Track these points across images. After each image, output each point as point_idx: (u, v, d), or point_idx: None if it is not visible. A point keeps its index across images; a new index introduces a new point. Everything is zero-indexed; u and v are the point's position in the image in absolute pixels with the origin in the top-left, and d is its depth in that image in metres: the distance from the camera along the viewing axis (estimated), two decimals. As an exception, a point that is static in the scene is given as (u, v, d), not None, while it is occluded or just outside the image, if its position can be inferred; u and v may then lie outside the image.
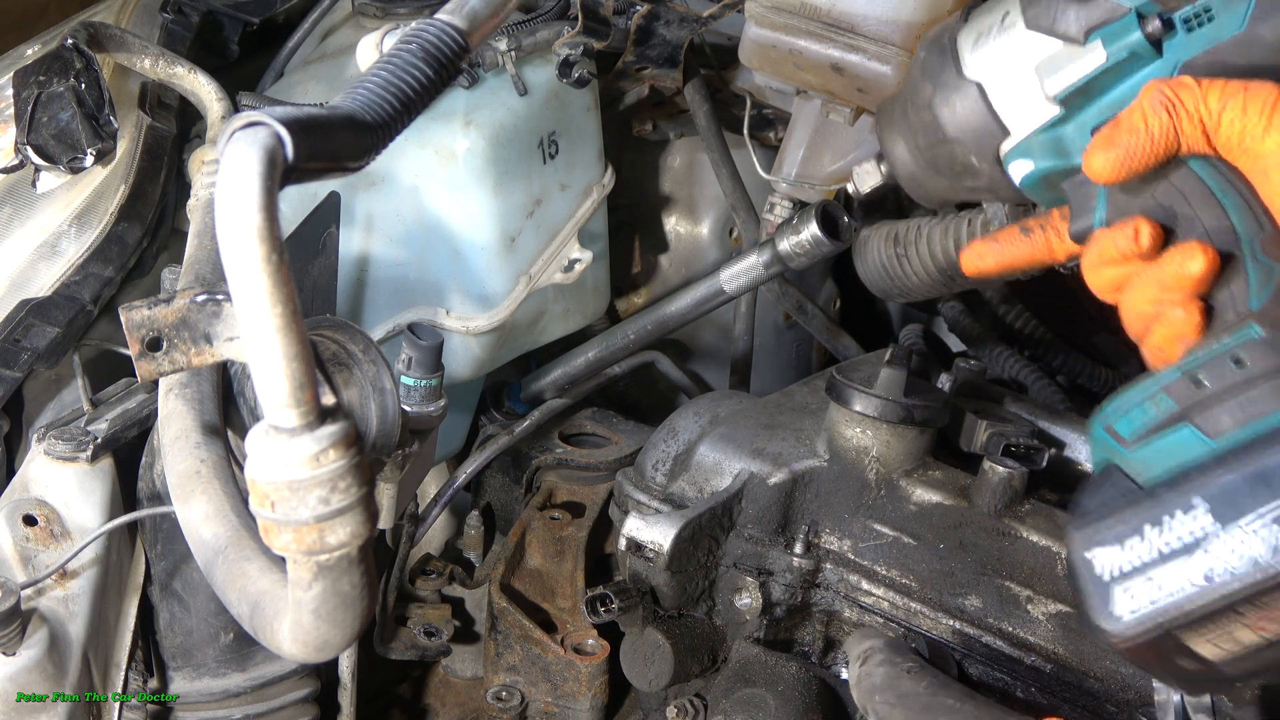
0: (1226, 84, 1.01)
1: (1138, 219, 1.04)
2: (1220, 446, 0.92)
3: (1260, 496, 0.88)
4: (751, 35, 1.68)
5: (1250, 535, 0.88)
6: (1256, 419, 0.91)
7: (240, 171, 0.78)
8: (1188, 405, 0.95)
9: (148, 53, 1.57)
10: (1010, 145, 1.17)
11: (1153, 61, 1.08)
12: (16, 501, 1.38)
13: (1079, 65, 1.11)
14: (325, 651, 0.91)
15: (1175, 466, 0.94)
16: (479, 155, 1.63)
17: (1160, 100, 1.02)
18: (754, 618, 1.41)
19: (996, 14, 1.18)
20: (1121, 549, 0.93)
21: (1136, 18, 1.08)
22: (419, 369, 1.27)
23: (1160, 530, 0.92)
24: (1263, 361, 0.93)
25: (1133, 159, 1.04)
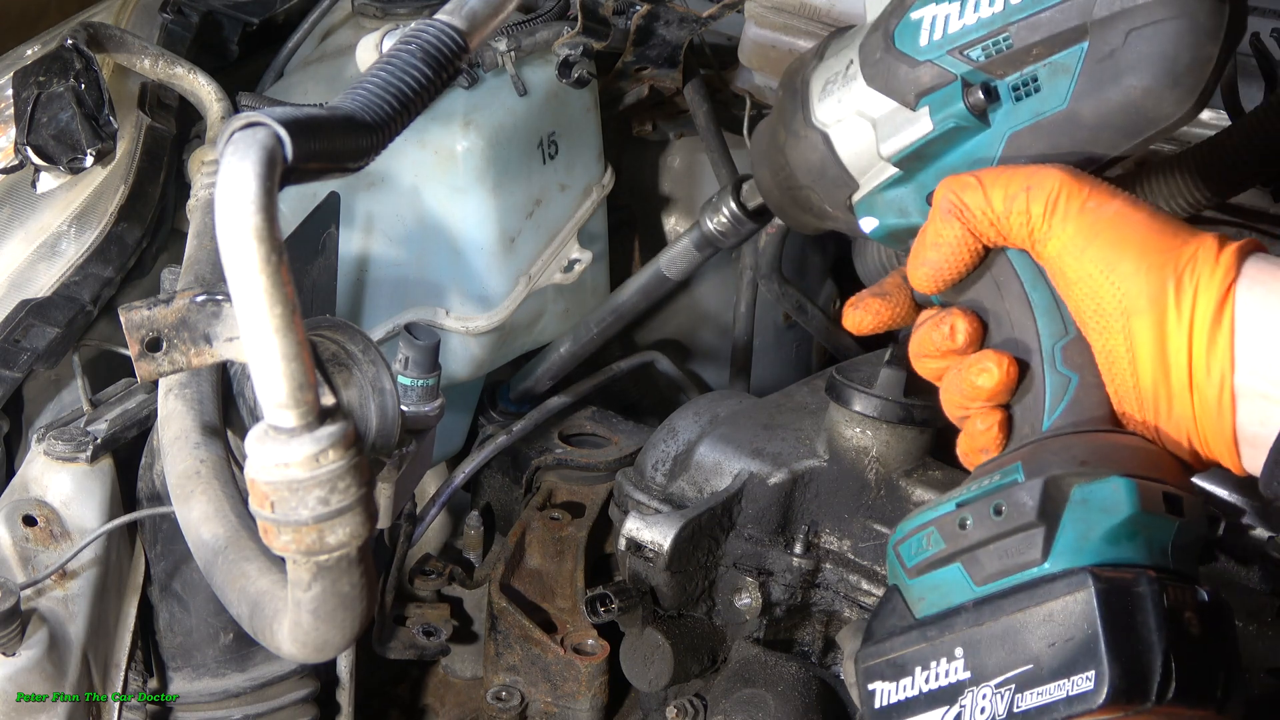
0: (1010, 180, 0.98)
1: (954, 314, 1.03)
2: (981, 593, 0.92)
3: (1005, 658, 0.89)
4: (751, 35, 1.69)
5: (994, 693, 0.89)
6: (1011, 572, 0.91)
7: (239, 172, 0.77)
8: (955, 547, 0.94)
9: (147, 53, 1.57)
10: (858, 198, 1.13)
11: (980, 131, 1.04)
12: (16, 502, 1.38)
13: (910, 131, 1.07)
14: (325, 652, 0.91)
15: (944, 605, 0.94)
16: (478, 155, 1.63)
17: (948, 209, 1.00)
18: (754, 618, 1.41)
19: (843, 60, 1.13)
20: (896, 686, 0.94)
21: (962, 87, 1.03)
22: (416, 369, 1.27)
23: (926, 674, 0.93)
24: (1017, 514, 0.92)
25: (943, 272, 1.02)
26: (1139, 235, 0.94)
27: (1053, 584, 0.89)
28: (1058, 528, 0.90)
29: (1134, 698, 0.85)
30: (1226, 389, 0.90)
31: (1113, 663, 0.85)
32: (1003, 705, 0.88)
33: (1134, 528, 0.90)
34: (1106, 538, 0.89)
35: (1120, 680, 0.85)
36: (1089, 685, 0.85)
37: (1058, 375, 0.98)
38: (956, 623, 0.92)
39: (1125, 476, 0.90)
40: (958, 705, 0.90)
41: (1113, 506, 0.90)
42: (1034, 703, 0.87)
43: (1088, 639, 0.86)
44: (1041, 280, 1.00)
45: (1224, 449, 0.92)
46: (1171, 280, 0.91)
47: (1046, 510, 0.91)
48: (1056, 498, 0.91)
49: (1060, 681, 0.86)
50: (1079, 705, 0.86)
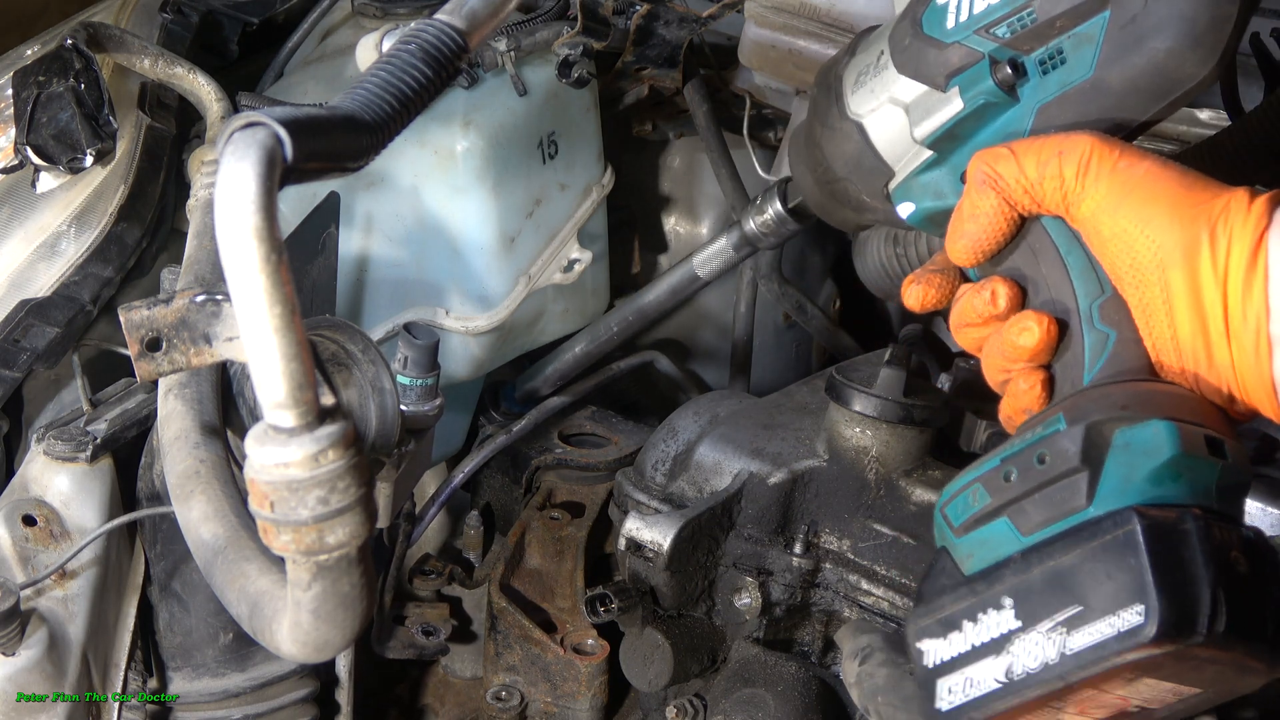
0: (1042, 147, 1.00)
1: (995, 280, 1.04)
2: (1029, 542, 0.93)
3: (1053, 602, 0.89)
4: (751, 35, 1.69)
5: (1044, 638, 0.89)
6: (1057, 519, 0.92)
7: (239, 171, 0.77)
8: (1000, 500, 0.95)
9: (147, 53, 1.57)
10: (894, 185, 1.15)
11: (1010, 107, 1.06)
12: (16, 502, 1.38)
13: (942, 112, 1.09)
14: (325, 652, 0.91)
15: (992, 559, 0.94)
16: (478, 155, 1.63)
17: (983, 179, 1.02)
18: (753, 618, 1.41)
19: (874, 52, 1.16)
20: (946, 642, 0.95)
21: (989, 64, 1.06)
22: (415, 368, 1.28)
23: (976, 625, 0.93)
24: (1061, 461, 0.93)
25: (981, 243, 1.04)
26: (1171, 190, 0.95)
27: (1098, 525, 0.89)
28: (1101, 471, 0.91)
29: (1184, 630, 0.85)
30: (1263, 335, 0.91)
31: (1161, 595, 0.85)
32: (1054, 649, 0.88)
33: (1177, 469, 0.90)
34: (1150, 479, 0.90)
35: (1169, 612, 0.85)
36: (1139, 619, 0.85)
37: (1096, 332, 0.99)
38: (1004, 574, 0.92)
39: (1166, 420, 0.91)
40: (1008, 654, 0.91)
41: (1155, 449, 0.90)
42: (1085, 642, 0.87)
43: (1135, 574, 0.86)
44: (1076, 244, 1.01)
45: (1264, 396, 0.93)
46: (1205, 231, 0.93)
47: (1089, 455, 0.92)
48: (1099, 443, 0.92)
49: (1109, 619, 0.87)
50: (1130, 640, 0.86)
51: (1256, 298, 0.91)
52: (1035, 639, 0.89)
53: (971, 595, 0.94)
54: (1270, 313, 0.91)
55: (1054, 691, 0.90)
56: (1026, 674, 0.90)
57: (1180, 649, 0.86)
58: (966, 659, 0.93)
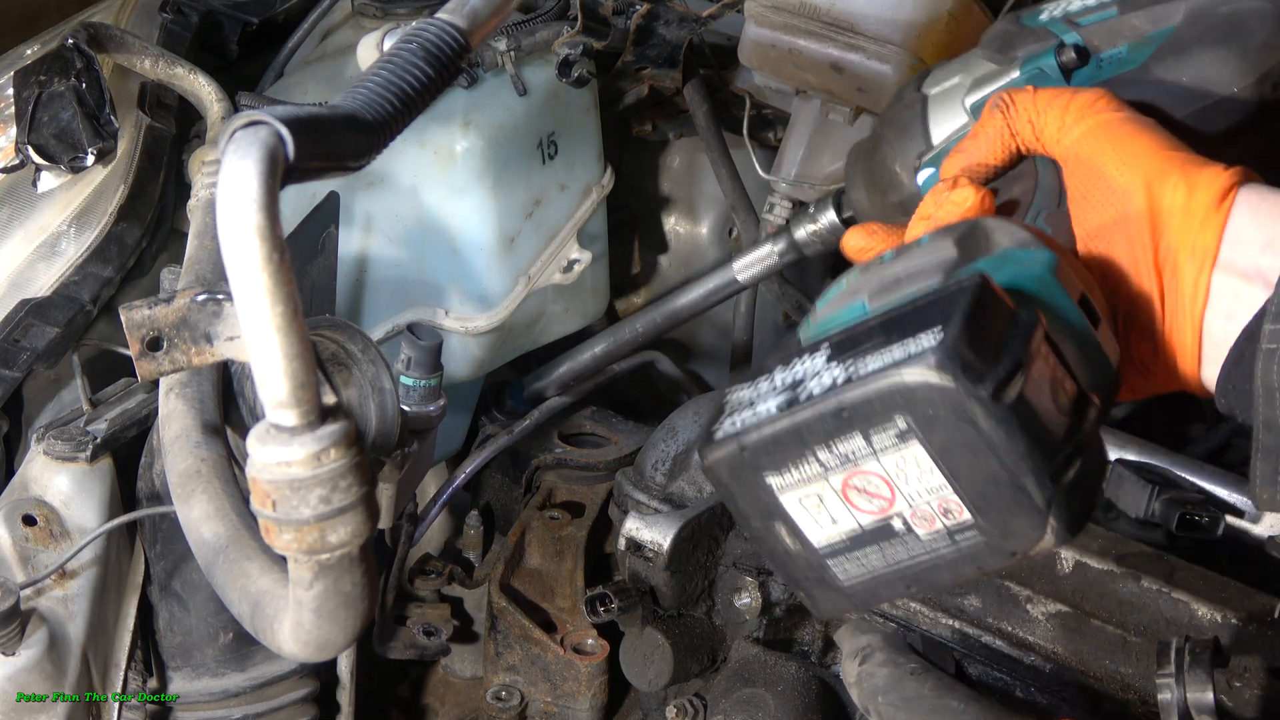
0: (1059, 89, 1.02)
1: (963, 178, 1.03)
2: (873, 311, 0.87)
3: (865, 342, 0.82)
4: (751, 35, 1.68)
5: (839, 368, 0.82)
6: (908, 290, 0.86)
7: (241, 170, 0.78)
8: (869, 277, 0.90)
9: (148, 53, 1.57)
10: (927, 156, 1.18)
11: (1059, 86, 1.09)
12: (16, 501, 1.38)
13: (997, 82, 1.14)
14: (326, 651, 0.91)
15: (834, 328, 0.88)
16: (478, 156, 1.63)
17: (996, 103, 1.03)
18: (753, 617, 1.41)
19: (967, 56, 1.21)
20: (751, 387, 0.87)
21: (1058, 46, 1.10)
22: (418, 369, 1.27)
23: (785, 372, 0.85)
24: (937, 244, 0.89)
25: (971, 159, 1.04)
26: (1159, 139, 0.97)
27: (941, 288, 0.84)
28: (970, 264, 0.87)
29: (970, 371, 0.78)
30: (1204, 276, 0.91)
31: (962, 327, 0.78)
32: (841, 373, 0.81)
33: (1041, 289, 0.86)
34: (1010, 284, 0.85)
35: (962, 344, 0.78)
36: (930, 341, 0.79)
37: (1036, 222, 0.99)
38: (833, 333, 0.85)
39: (1053, 252, 0.89)
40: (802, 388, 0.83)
41: (1029, 264, 0.87)
42: (871, 366, 0.80)
43: (948, 308, 0.80)
44: (1053, 174, 1.01)
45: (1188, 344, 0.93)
46: (1176, 172, 0.94)
47: (965, 246, 0.88)
48: (980, 242, 0.89)
49: (904, 342, 0.80)
50: (914, 360, 0.78)
51: (1208, 238, 0.91)
52: (831, 369, 0.82)
53: (791, 352, 0.87)
54: (1217, 260, 0.91)
55: (825, 415, 0.81)
56: (807, 397, 0.82)
57: (959, 392, 0.78)
58: (760, 397, 0.85)
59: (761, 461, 0.84)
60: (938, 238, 0.90)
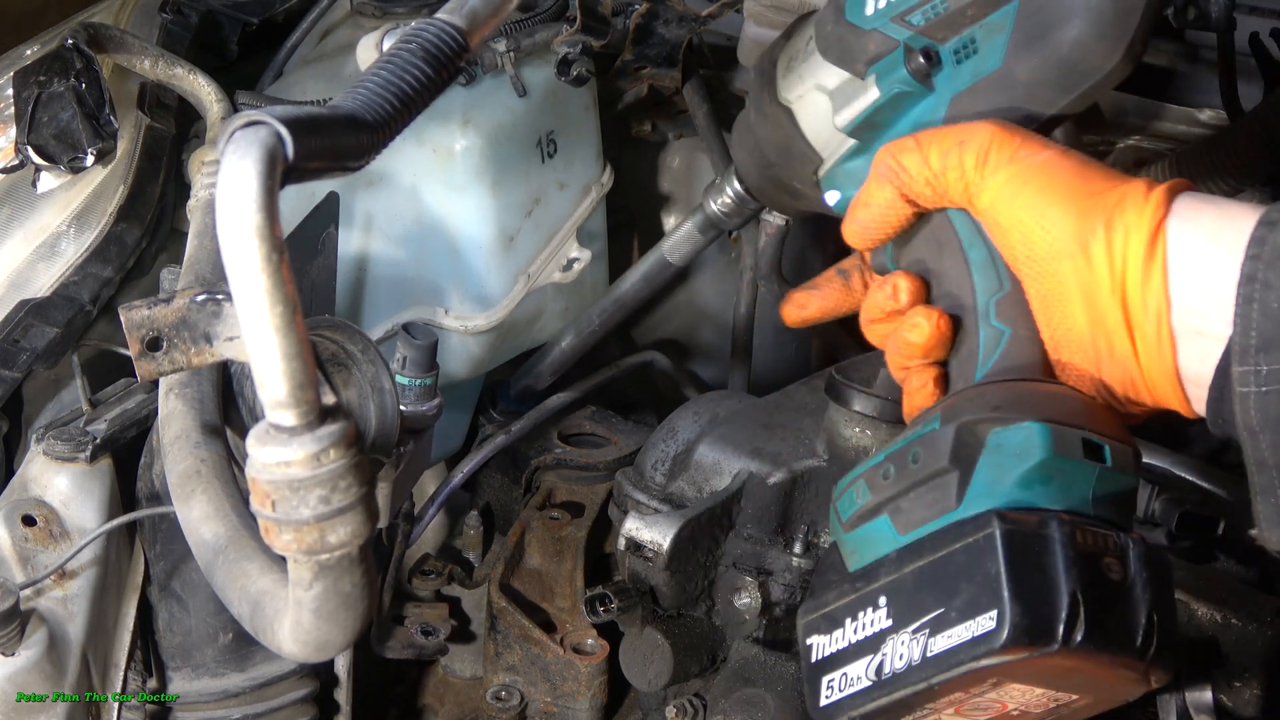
0: (944, 137, 0.99)
1: (898, 275, 1.03)
2: (904, 541, 0.92)
3: (921, 603, 0.89)
4: (750, 34, 1.68)
5: (910, 639, 0.88)
6: (930, 520, 0.91)
7: (240, 170, 0.78)
8: (880, 498, 0.94)
9: (148, 54, 1.56)
10: (823, 173, 1.16)
11: (925, 96, 1.06)
12: (15, 502, 1.38)
13: (860, 100, 1.10)
14: (326, 651, 0.91)
15: (872, 556, 0.94)
16: (477, 154, 1.63)
17: (885, 171, 1.01)
18: (753, 618, 1.41)
19: (803, 38, 1.16)
20: (829, 638, 0.94)
21: (904, 53, 1.06)
22: (414, 368, 1.27)
23: (855, 623, 0.93)
24: (932, 460, 0.92)
25: (870, 231, 1.04)
26: (1069, 180, 0.94)
27: (963, 527, 0.88)
28: (972, 473, 0.90)
29: (1038, 638, 0.84)
30: (1164, 325, 0.90)
31: (1014, 601, 0.83)
32: (918, 650, 0.88)
33: (1048, 472, 0.88)
34: (1019, 483, 0.88)
35: (1021, 619, 0.83)
36: (991, 625, 0.84)
37: (990, 329, 0.98)
38: (881, 572, 0.92)
39: (1040, 421, 0.89)
40: (880, 653, 0.90)
41: (1025, 451, 0.89)
42: (944, 645, 0.86)
43: (991, 579, 0.85)
44: (979, 237, 1.00)
45: (1169, 390, 0.92)
46: (1102, 221, 0.91)
47: (960, 455, 0.90)
48: (970, 443, 0.91)
49: (966, 623, 0.85)
50: (983, 646, 0.84)
51: (1155, 287, 0.89)
52: (904, 639, 0.89)
53: (852, 592, 0.93)
54: (1171, 304, 0.89)
55: (919, 692, 0.89)
56: (894, 674, 0.89)
57: (1035, 657, 0.85)
58: (845, 656, 0.93)
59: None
60: (928, 454, 0.92)
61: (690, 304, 2.10)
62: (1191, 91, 1.65)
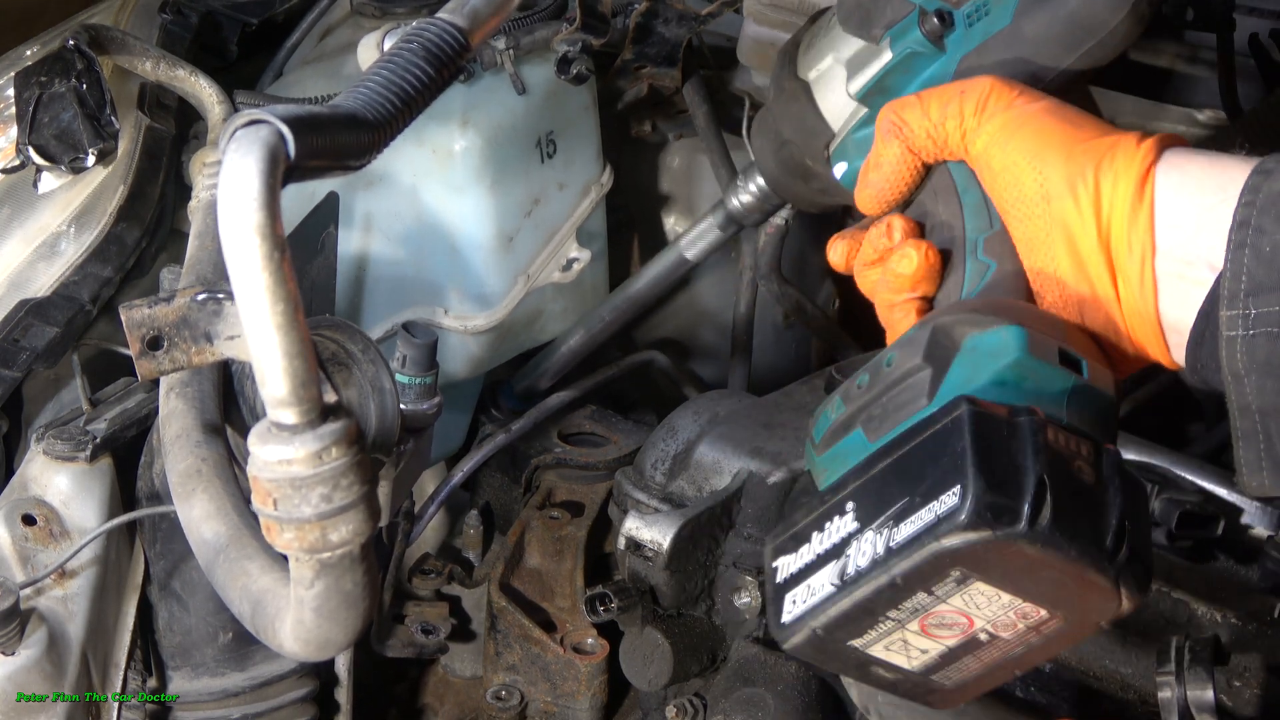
0: (945, 91, 1.00)
1: (894, 216, 1.04)
2: (875, 447, 0.90)
3: (887, 498, 0.85)
4: (750, 33, 1.69)
5: (875, 534, 0.85)
6: (900, 421, 0.89)
7: (242, 169, 0.78)
8: (855, 407, 0.93)
9: (149, 55, 1.56)
10: (834, 146, 1.17)
11: (936, 58, 1.08)
12: (15, 501, 1.38)
13: (874, 64, 1.12)
14: (327, 650, 0.91)
15: (845, 470, 0.91)
16: (476, 154, 1.63)
17: (888, 127, 1.02)
18: (753, 617, 1.41)
19: (827, 17, 1.19)
20: (795, 556, 0.91)
21: (918, 14, 1.08)
22: (413, 367, 1.27)
23: (821, 534, 0.89)
24: (906, 360, 0.91)
25: (885, 192, 1.04)
26: (1063, 128, 0.95)
27: (933, 418, 0.86)
28: (946, 372, 0.89)
29: (1002, 516, 0.80)
30: (1148, 268, 0.90)
31: (978, 476, 0.81)
32: (881, 543, 0.84)
33: (1021, 372, 0.87)
34: (993, 380, 0.87)
35: (985, 494, 0.80)
36: (954, 501, 0.81)
37: (977, 263, 0.98)
38: (849, 480, 0.89)
39: (1017, 324, 0.89)
40: (844, 557, 0.86)
41: (1000, 351, 0.88)
42: (908, 533, 0.83)
43: (957, 456, 0.82)
44: (974, 182, 1.00)
45: (1150, 335, 0.92)
46: (1091, 166, 0.92)
47: (934, 355, 0.90)
48: (945, 344, 0.90)
49: (930, 505, 0.82)
50: (946, 525, 0.81)
51: (1141, 231, 0.90)
52: (868, 536, 0.85)
53: (820, 505, 0.90)
54: (1156, 249, 0.90)
55: (880, 588, 0.85)
56: (857, 572, 0.85)
57: (999, 539, 0.81)
58: (811, 568, 0.89)
59: (837, 635, 0.88)
60: (903, 354, 0.92)
61: (690, 303, 2.10)
62: (1191, 91, 1.65)
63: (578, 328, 1.84)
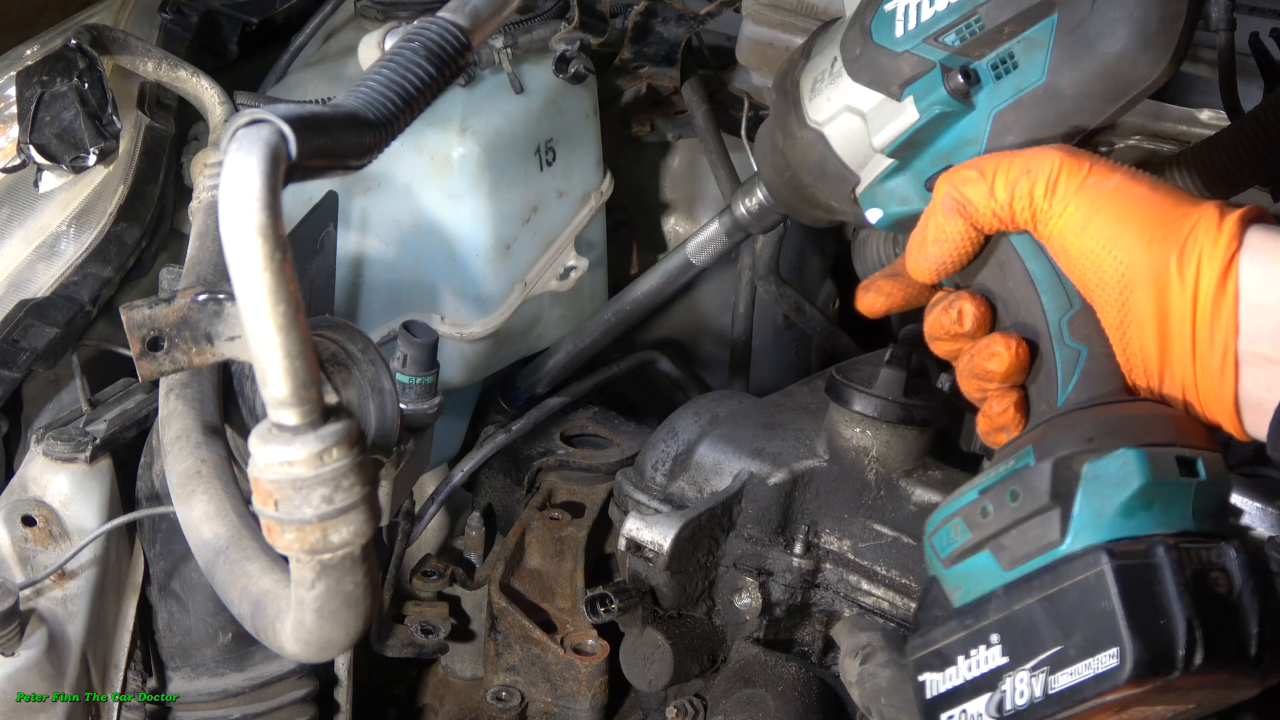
0: (1009, 166, 0.99)
1: (962, 298, 1.04)
2: (1010, 577, 0.94)
3: (1036, 640, 0.91)
4: (749, 33, 1.69)
5: (1030, 676, 0.90)
6: (1035, 555, 0.93)
7: (244, 168, 0.77)
8: (980, 535, 0.97)
9: (150, 56, 1.56)
10: (861, 190, 1.15)
11: (966, 114, 1.06)
12: (15, 502, 1.38)
13: (898, 122, 1.08)
14: (328, 651, 0.91)
15: (978, 592, 0.96)
16: (474, 162, 1.63)
17: (951, 205, 1.01)
18: (754, 618, 1.41)
19: (827, 59, 1.15)
20: (943, 675, 0.96)
21: (941, 72, 1.05)
22: (414, 366, 1.27)
23: (968, 660, 0.95)
24: (1032, 498, 0.94)
25: (945, 266, 1.04)
26: (1140, 208, 0.95)
27: (1071, 564, 0.90)
28: (1072, 506, 0.92)
29: (1160, 670, 0.86)
30: (1230, 356, 0.91)
31: (1133, 638, 0.86)
32: (1039, 687, 0.90)
33: (1148, 497, 0.90)
34: (1121, 511, 0.90)
35: (1143, 654, 0.86)
36: (1114, 662, 0.87)
37: (1067, 350, 0.99)
38: (989, 609, 0.94)
39: (1134, 447, 0.91)
40: (999, 690, 0.92)
41: (1124, 479, 0.91)
42: (1066, 683, 0.89)
43: (1107, 617, 0.87)
44: (1042, 255, 1.01)
45: (1223, 415, 0.93)
46: (1174, 253, 0.92)
47: (1059, 491, 0.92)
48: (1068, 477, 0.92)
49: (1087, 661, 0.88)
50: (1107, 682, 0.87)
51: (1225, 319, 0.91)
52: (1022, 676, 0.91)
53: (961, 629, 0.95)
54: (1239, 332, 0.91)
55: None
56: (1015, 710, 0.91)
57: (1159, 685, 0.87)
58: (963, 694, 0.95)
59: None
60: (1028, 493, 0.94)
61: (690, 305, 2.10)
62: (1191, 91, 1.65)
63: (579, 329, 1.84)
